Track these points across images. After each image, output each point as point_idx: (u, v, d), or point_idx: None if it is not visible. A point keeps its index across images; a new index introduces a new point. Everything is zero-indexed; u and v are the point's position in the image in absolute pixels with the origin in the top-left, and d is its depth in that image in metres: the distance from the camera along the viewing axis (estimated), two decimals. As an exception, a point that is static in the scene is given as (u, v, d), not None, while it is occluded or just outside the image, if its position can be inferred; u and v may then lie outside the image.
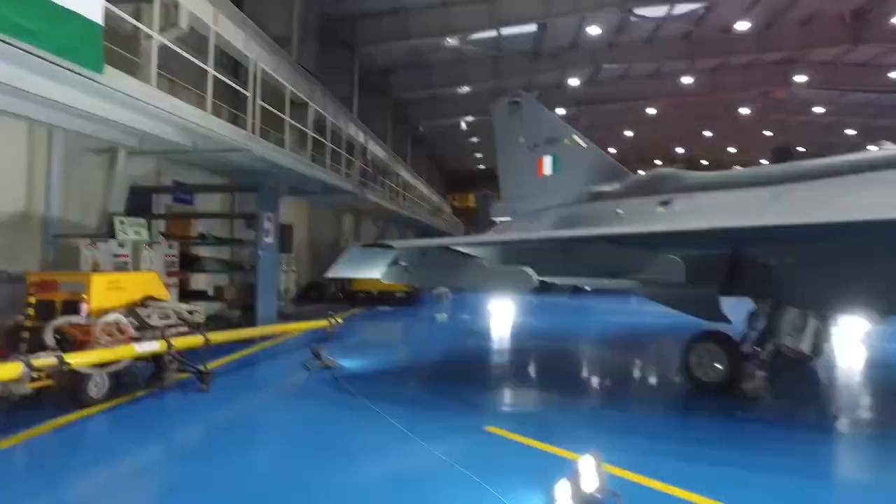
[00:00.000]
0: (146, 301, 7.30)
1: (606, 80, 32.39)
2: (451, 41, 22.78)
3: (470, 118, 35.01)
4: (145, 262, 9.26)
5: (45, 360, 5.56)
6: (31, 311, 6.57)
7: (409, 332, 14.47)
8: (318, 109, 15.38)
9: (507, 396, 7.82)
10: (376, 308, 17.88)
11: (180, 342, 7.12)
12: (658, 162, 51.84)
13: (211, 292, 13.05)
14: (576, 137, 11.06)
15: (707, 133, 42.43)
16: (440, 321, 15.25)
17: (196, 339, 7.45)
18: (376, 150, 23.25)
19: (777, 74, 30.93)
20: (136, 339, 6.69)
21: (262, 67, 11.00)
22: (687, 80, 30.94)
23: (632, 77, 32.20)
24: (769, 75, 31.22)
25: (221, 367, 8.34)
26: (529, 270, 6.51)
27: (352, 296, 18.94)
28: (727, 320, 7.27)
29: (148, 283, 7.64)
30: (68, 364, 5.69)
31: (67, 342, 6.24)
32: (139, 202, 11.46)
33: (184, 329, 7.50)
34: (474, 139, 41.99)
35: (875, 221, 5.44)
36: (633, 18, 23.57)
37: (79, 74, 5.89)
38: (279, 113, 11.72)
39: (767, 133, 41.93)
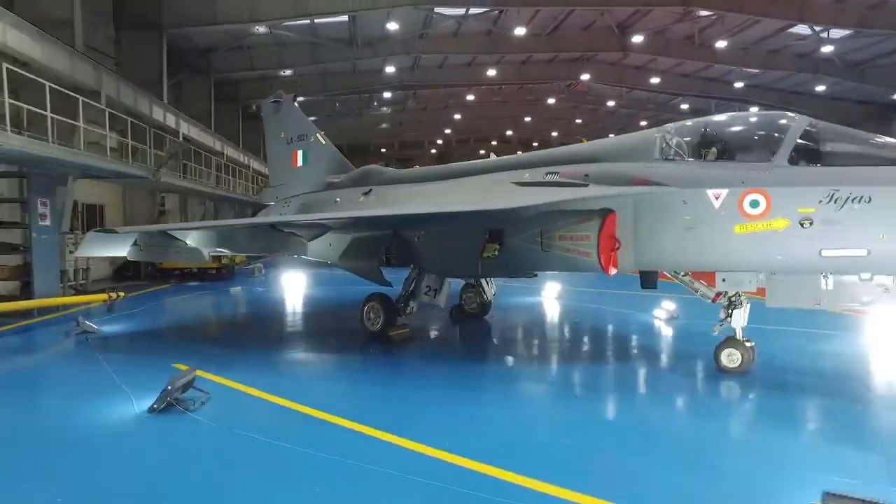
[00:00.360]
0: None
1: (428, 68, 35.36)
2: (261, 28, 24.14)
3: (301, 98, 36.38)
4: None
5: None
6: None
7: (189, 303, 15.54)
8: (108, 95, 16.27)
9: (213, 345, 9.95)
10: (186, 283, 19.20)
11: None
12: (493, 143, 57.21)
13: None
14: (319, 136, 13.54)
15: (528, 118, 47.50)
16: (233, 293, 17.18)
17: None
18: (192, 130, 24.11)
19: (573, 71, 35.95)
20: None
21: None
22: (496, 70, 34.83)
23: (449, 66, 35.36)
24: (568, 71, 36.12)
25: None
26: (202, 248, 8.89)
27: (166, 272, 20.04)
28: (389, 284, 10.17)
29: None
30: None
31: None
32: None
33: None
34: (312, 118, 43.18)
35: (456, 212, 8.32)
36: (434, 14, 26.44)
37: None
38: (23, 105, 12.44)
39: (579, 120, 48.33)
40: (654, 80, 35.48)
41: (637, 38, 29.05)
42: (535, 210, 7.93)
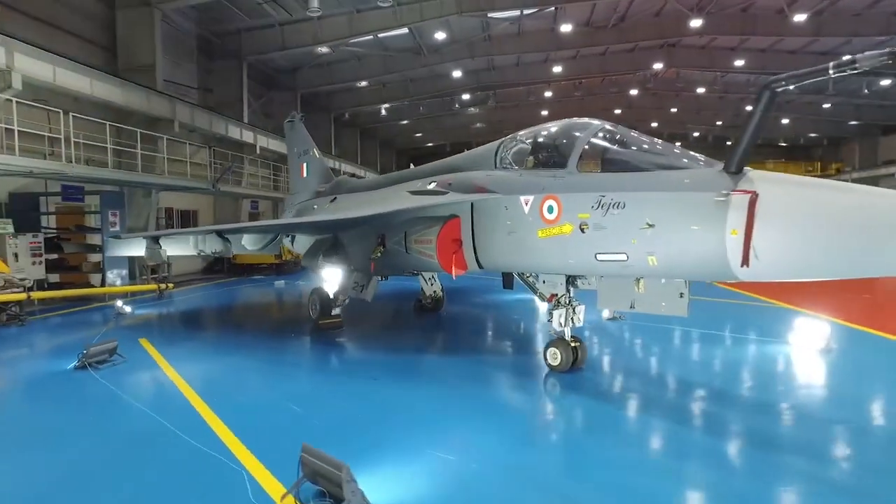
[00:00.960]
0: (-15, 272, 12.05)
1: (505, 68, 36.12)
2: (324, 49, 26.93)
3: (386, 105, 39.33)
4: (11, 247, 13.99)
5: None
6: None
7: (222, 294, 17.93)
8: (181, 122, 19.87)
9: (185, 325, 12.16)
10: (252, 276, 22.49)
11: (4, 297, 11.87)
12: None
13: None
14: (315, 151, 15.48)
15: (618, 111, 45.96)
16: (275, 286, 19.86)
17: (21, 296, 12.20)
18: (271, 143, 27.72)
19: (654, 59, 34.34)
20: (-27, 295, 11.45)
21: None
22: (573, 65, 34.57)
23: (525, 64, 35.73)
24: (649, 59, 34.58)
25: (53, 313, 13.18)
26: (161, 249, 11.18)
27: (237, 267, 23.61)
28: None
29: (-11, 262, 12.38)
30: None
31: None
32: (25, 204, 16.26)
33: (13, 289, 12.23)
34: (404, 121, 46.08)
35: (371, 216, 9.65)
36: (488, 18, 27.32)
37: None
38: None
39: (674, 109, 45.91)
40: (739, 62, 32.72)
41: (711, 19, 27.26)
42: (401, 216, 9.00)
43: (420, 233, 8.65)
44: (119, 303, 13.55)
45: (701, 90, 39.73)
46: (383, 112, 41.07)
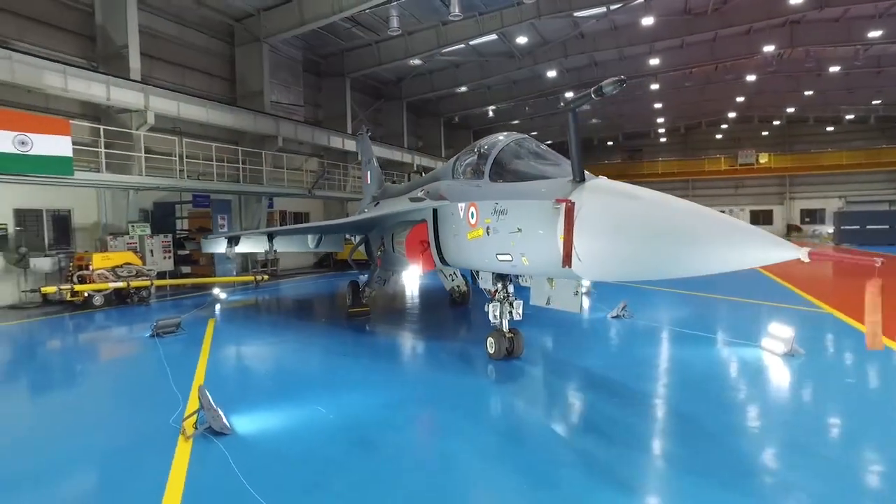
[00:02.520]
0: (123, 265, 15.87)
1: (607, 63, 35.51)
2: (416, 61, 29.09)
3: (493, 107, 40.64)
4: (148, 245, 18.01)
5: (66, 286, 14.27)
6: (72, 267, 15.46)
7: (306, 286, 20.52)
8: (285, 137, 23.31)
9: (252, 310, 14.81)
10: (344, 271, 25.39)
11: (135, 283, 15.57)
12: (724, 125, 51.86)
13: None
14: (374, 160, 17.46)
15: (740, 98, 42.36)
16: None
17: (145, 282, 15.86)
18: (375, 150, 30.58)
19: (773, 38, 31.46)
20: (112, 281, 15.23)
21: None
22: (680, 55, 33.02)
23: (629, 58, 34.79)
24: (766, 40, 31.77)
25: (169, 298, 16.82)
26: (233, 247, 13.75)
27: (338, 262, 26.76)
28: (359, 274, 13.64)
29: (126, 256, 16.22)
30: (78, 290, 14.34)
31: (84, 280, 14.95)
32: (164, 210, 20.57)
33: (142, 277, 15.94)
34: (515, 121, 46.93)
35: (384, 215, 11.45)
36: (574, 17, 27.44)
37: (67, 178, 14.43)
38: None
39: (809, 92, 41.07)
40: (874, 34, 28.72)
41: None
42: (390, 220, 10.51)
43: (399, 235, 10.09)
44: (216, 290, 16.80)
45: (835, 68, 35.27)
46: (490, 114, 42.47)
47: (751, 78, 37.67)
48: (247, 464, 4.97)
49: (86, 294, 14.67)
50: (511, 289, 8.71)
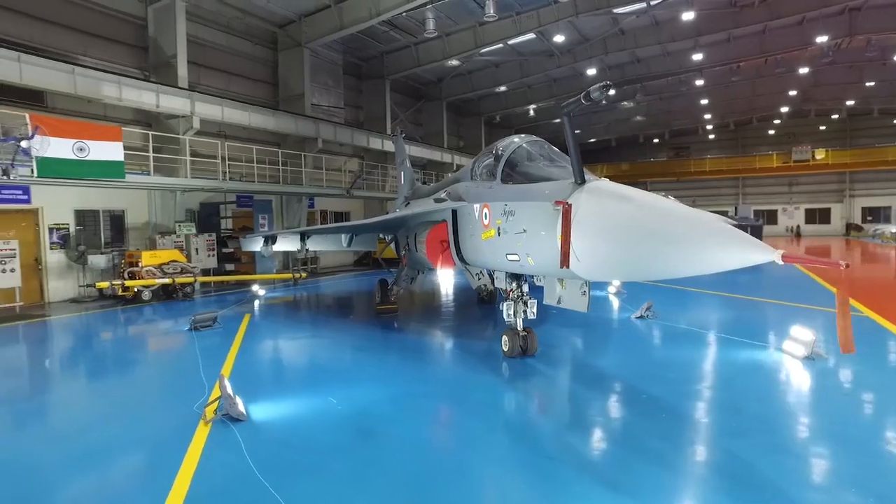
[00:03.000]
0: (169, 262, 16.85)
1: (650, 59, 34.78)
2: (454, 62, 29.35)
3: (534, 106, 40.42)
4: (193, 244, 19.01)
5: (117, 282, 15.32)
6: (123, 264, 16.55)
7: (339, 284, 21.21)
8: (324, 139, 24.05)
9: (286, 306, 15.43)
10: (380, 269, 25.89)
11: (180, 279, 16.51)
12: (776, 121, 49.74)
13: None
14: (407, 162, 17.84)
15: (792, 92, 40.56)
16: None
17: (189, 279, 16.79)
18: (412, 150, 31.07)
19: (829, 28, 30.05)
20: (159, 277, 16.21)
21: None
22: (728, 48, 32.00)
23: (674, 53, 33.93)
24: (823, 29, 30.39)
25: (213, 293, 17.72)
26: (269, 246, 14.36)
27: (376, 260, 27.33)
28: (389, 272, 14.05)
29: (172, 254, 17.20)
30: (129, 285, 15.38)
31: (134, 276, 15.98)
32: (210, 210, 21.63)
33: (186, 274, 16.88)
34: (556, 120, 46.48)
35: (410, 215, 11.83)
36: (614, 14, 27.05)
37: (119, 181, 15.46)
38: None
39: (870, 83, 38.88)
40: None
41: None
42: (414, 220, 10.81)
43: (421, 234, 10.40)
44: (255, 287, 17.58)
45: (898, 58, 33.33)
46: (531, 113, 42.28)
47: (804, 70, 36.07)
48: (255, 447, 5.37)
49: (135, 289, 15.68)
50: (526, 288, 8.85)
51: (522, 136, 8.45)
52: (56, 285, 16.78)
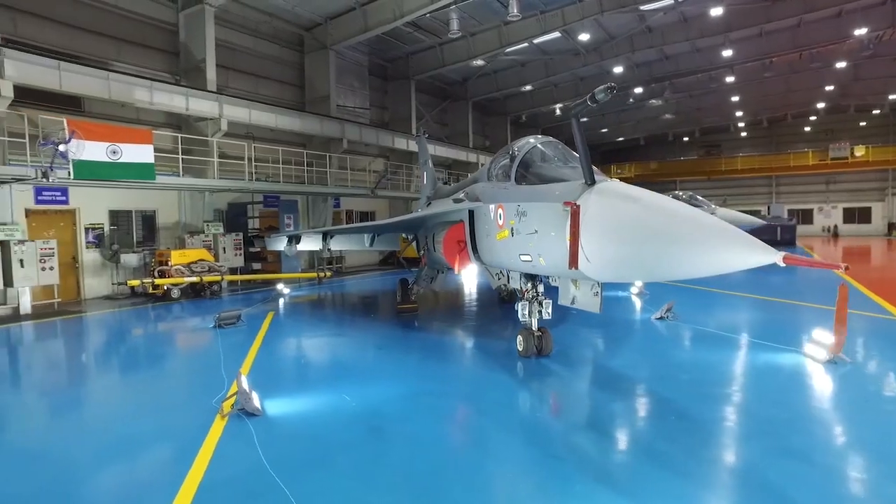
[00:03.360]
0: (198, 261, 17.33)
1: (679, 56, 34.19)
2: (479, 62, 29.37)
3: (559, 105, 40.13)
4: (220, 243, 19.50)
5: (147, 280, 15.85)
6: (154, 262, 17.10)
7: (360, 283, 21.64)
8: (350, 139, 24.37)
9: (306, 305, 15.71)
10: (403, 269, 26.11)
11: (208, 278, 16.97)
12: (812, 117, 48.22)
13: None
14: (430, 162, 17.95)
15: (829, 87, 39.27)
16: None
17: (217, 277, 17.25)
18: (438, 150, 31.23)
19: (869, 20, 29.05)
20: (187, 276, 16.69)
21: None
22: (761, 43, 31.23)
23: (706, 49, 33.24)
24: (862, 21, 29.40)
25: (239, 290, 18.16)
26: (292, 245, 14.61)
27: (400, 261, 27.54)
28: (411, 271, 14.19)
29: (200, 253, 17.68)
30: (158, 283, 15.90)
31: (163, 275, 16.50)
32: (237, 210, 22.15)
33: (214, 273, 17.33)
34: (584, 119, 45.94)
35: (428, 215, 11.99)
36: (641, 11, 26.68)
37: (150, 182, 15.98)
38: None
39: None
40: None
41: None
42: (431, 220, 10.91)
43: (439, 234, 10.49)
44: (280, 285, 17.94)
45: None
46: (558, 112, 41.98)
47: (842, 65, 34.90)
48: (267, 441, 5.54)
49: (165, 287, 16.19)
50: (541, 288, 8.85)
51: (538, 136, 8.47)
52: (91, 283, 17.45)
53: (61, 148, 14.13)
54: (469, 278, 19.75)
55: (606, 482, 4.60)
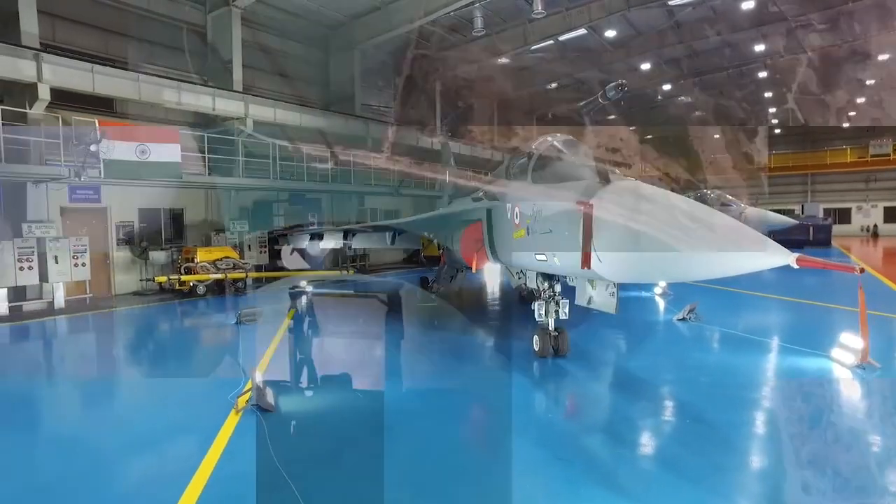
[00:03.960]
0: (223, 258, 17.66)
1: (706, 52, 33.40)
2: (503, 60, 29.22)
3: (582, 102, 39.60)
4: (246, 241, 19.84)
5: (174, 277, 16.23)
6: (181, 259, 17.49)
7: (378, 282, 21.73)
8: (373, 138, 24.51)
9: (322, 302, 15.84)
10: (424, 267, 26.21)
11: (232, 275, 17.28)
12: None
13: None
14: (452, 161, 17.93)
15: (870, 81, 37.86)
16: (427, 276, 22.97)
17: (241, 274, 17.55)
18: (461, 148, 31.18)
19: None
20: (213, 273, 17.02)
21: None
22: (800, 37, 30.30)
23: (739, 42, 32.39)
24: None
25: (261, 286, 18.48)
26: (314, 242, 14.75)
27: (423, 259, 27.63)
28: (432, 270, 14.21)
29: (225, 250, 18.01)
30: (185, 280, 16.27)
31: (189, 271, 16.86)
32: (263, 209, 22.51)
33: (238, 270, 17.64)
34: (611, 116, 45.38)
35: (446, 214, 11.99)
36: (670, 6, 26.17)
37: (175, 179, 16.34)
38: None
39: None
40: None
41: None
42: (450, 219, 10.90)
43: (458, 233, 10.48)
44: (303, 283, 18.15)
45: None
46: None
47: (884, 57, 33.52)
48: (278, 436, 5.61)
49: (191, 284, 16.54)
50: (558, 288, 8.76)
51: (557, 135, 8.36)
52: (121, 279, 17.94)
53: (92, 148, 14.56)
54: (491, 277, 19.68)
55: (613, 487, 4.53)
